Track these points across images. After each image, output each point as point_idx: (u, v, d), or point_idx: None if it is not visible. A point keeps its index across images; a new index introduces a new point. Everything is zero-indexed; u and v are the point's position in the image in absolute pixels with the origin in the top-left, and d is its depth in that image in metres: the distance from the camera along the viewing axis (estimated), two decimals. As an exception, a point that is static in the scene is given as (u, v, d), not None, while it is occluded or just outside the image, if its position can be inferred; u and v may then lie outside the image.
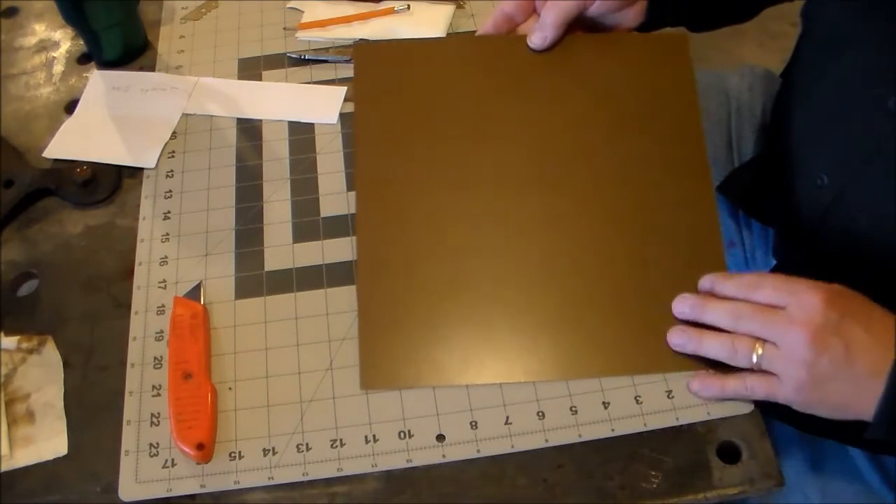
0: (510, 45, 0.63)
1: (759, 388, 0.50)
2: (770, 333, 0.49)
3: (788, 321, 0.49)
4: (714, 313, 0.52)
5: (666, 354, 0.54)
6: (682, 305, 0.54)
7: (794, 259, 0.67)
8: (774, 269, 0.72)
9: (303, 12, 0.77)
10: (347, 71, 0.72)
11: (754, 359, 0.49)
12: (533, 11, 0.63)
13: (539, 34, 0.61)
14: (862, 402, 0.48)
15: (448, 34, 0.64)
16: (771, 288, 0.50)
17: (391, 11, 0.75)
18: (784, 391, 0.49)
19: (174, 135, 0.68)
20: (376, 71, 0.62)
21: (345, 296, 0.58)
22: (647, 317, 0.55)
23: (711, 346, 0.51)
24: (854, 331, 0.48)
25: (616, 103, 0.61)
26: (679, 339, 0.53)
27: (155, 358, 0.56)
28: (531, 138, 0.60)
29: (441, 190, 0.58)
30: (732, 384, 0.51)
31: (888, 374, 0.47)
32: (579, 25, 0.63)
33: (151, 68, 0.74)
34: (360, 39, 0.74)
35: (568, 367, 0.53)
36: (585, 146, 0.59)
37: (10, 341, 0.57)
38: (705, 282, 0.54)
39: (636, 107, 0.61)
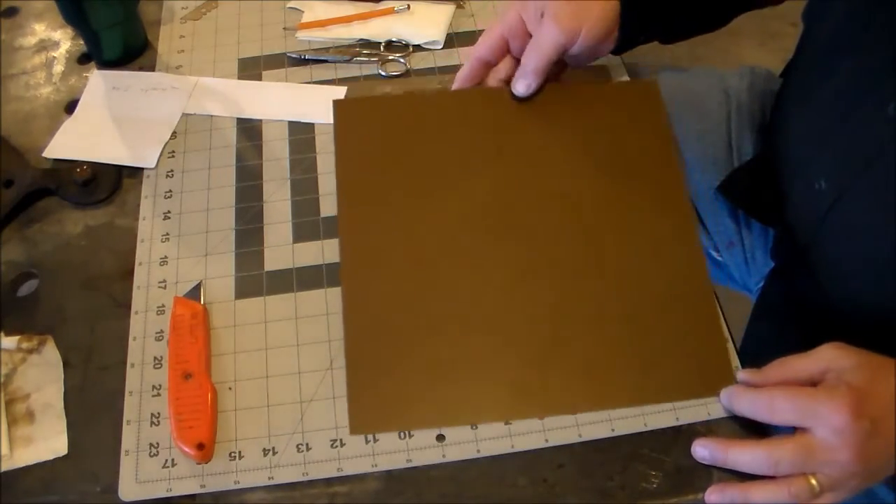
0: (487, 98, 0.63)
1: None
2: (817, 467, 0.48)
3: (831, 450, 0.47)
4: (743, 460, 0.49)
5: (655, 386, 0.53)
6: (702, 451, 0.51)
7: (792, 262, 0.67)
8: (773, 271, 0.72)
9: (303, 12, 0.77)
10: (347, 71, 0.72)
11: (816, 490, 0.48)
12: (507, 52, 0.63)
13: (523, 82, 0.61)
14: None
15: (426, 92, 0.65)
16: (789, 412, 0.49)
17: (391, 11, 0.75)
18: (838, 499, 0.49)
19: (174, 135, 0.68)
20: (356, 126, 0.63)
21: (345, 296, 0.58)
22: (638, 349, 0.54)
23: (763, 498, 0.48)
24: (889, 425, 0.47)
25: (594, 150, 0.61)
26: (719, 500, 0.49)
27: (155, 358, 0.56)
28: (513, 185, 0.60)
29: (425, 238, 0.58)
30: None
31: None
32: (557, 63, 0.62)
33: (151, 68, 0.74)
34: (361, 39, 0.74)
35: (560, 403, 0.53)
36: (565, 190, 0.60)
37: (10, 341, 0.57)
38: (724, 400, 0.53)
39: (614, 152, 0.61)
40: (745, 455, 0.49)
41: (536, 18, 0.60)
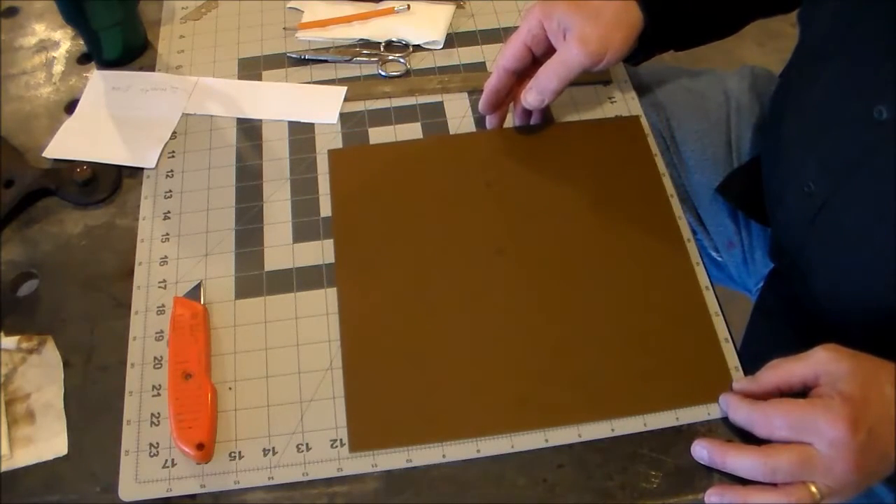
0: (475, 141, 0.66)
1: None
2: (814, 477, 0.47)
3: (829, 461, 0.47)
4: (741, 467, 0.49)
5: (656, 394, 0.53)
6: (700, 451, 0.51)
7: (788, 263, 0.67)
8: (773, 272, 0.72)
9: (303, 12, 0.77)
10: (347, 71, 0.72)
11: (817, 497, 0.48)
12: (531, 60, 0.64)
13: (537, 97, 0.62)
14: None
15: (415, 140, 0.67)
16: (786, 428, 0.48)
17: (391, 11, 0.75)
18: (842, 500, 0.49)
19: (174, 135, 0.68)
20: (351, 173, 0.65)
21: (345, 296, 0.58)
22: (637, 359, 0.55)
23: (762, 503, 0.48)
24: (885, 435, 0.47)
25: (584, 179, 0.64)
26: (718, 501, 0.50)
27: (155, 358, 0.56)
28: (505, 213, 0.62)
29: (421, 264, 0.59)
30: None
31: None
32: None
33: (151, 68, 0.74)
34: (361, 39, 0.74)
35: (561, 415, 0.53)
36: (559, 215, 0.62)
37: (10, 341, 0.57)
38: (723, 405, 0.53)
39: (604, 180, 0.64)
40: (742, 461, 0.49)
41: (559, 32, 0.61)
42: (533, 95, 0.62)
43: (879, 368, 0.49)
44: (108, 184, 0.65)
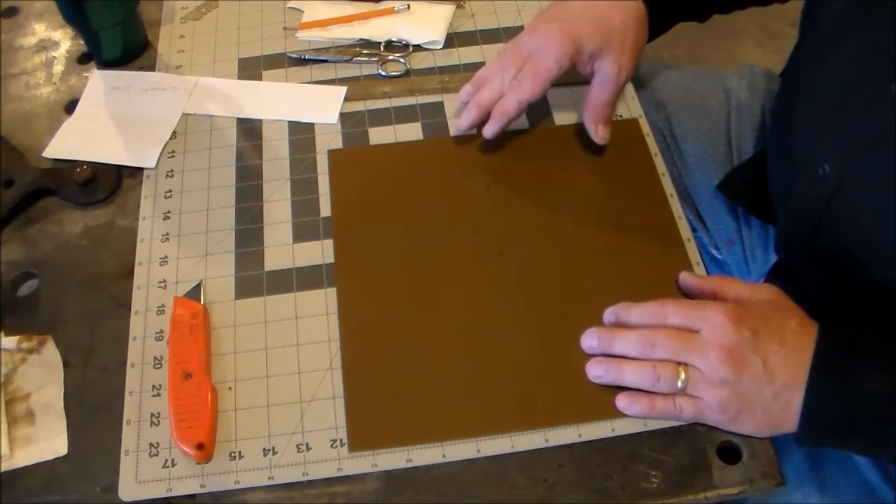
0: (478, 143, 0.66)
1: (687, 409, 0.51)
2: (688, 357, 0.50)
3: (705, 344, 0.50)
4: (624, 343, 0.52)
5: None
6: (590, 340, 0.54)
7: (796, 253, 0.67)
8: (775, 267, 0.72)
9: (303, 12, 0.77)
10: (347, 71, 0.72)
11: (679, 384, 0.50)
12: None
13: (605, 130, 0.64)
14: (787, 416, 0.50)
15: (415, 141, 0.67)
16: (679, 315, 0.51)
17: (391, 11, 0.75)
18: (710, 412, 0.50)
19: (174, 135, 0.68)
20: (351, 174, 0.65)
21: (345, 296, 0.58)
22: None
23: (633, 375, 0.51)
24: (769, 345, 0.49)
25: (582, 180, 0.65)
26: (598, 370, 0.53)
27: (155, 358, 0.56)
28: (503, 215, 0.62)
29: (419, 265, 0.59)
30: (661, 404, 0.51)
31: (805, 382, 0.49)
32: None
33: (151, 68, 0.74)
34: (361, 39, 0.74)
35: (562, 415, 0.53)
36: (558, 215, 0.62)
37: (10, 341, 0.57)
38: (609, 315, 0.55)
39: (602, 181, 0.64)
40: (627, 337, 0.52)
41: (589, 62, 0.62)
42: (604, 130, 0.64)
43: (794, 310, 0.52)
44: (108, 184, 0.65)
